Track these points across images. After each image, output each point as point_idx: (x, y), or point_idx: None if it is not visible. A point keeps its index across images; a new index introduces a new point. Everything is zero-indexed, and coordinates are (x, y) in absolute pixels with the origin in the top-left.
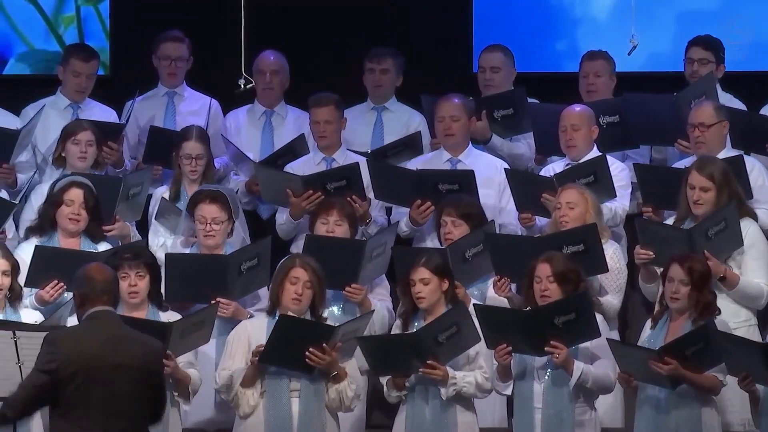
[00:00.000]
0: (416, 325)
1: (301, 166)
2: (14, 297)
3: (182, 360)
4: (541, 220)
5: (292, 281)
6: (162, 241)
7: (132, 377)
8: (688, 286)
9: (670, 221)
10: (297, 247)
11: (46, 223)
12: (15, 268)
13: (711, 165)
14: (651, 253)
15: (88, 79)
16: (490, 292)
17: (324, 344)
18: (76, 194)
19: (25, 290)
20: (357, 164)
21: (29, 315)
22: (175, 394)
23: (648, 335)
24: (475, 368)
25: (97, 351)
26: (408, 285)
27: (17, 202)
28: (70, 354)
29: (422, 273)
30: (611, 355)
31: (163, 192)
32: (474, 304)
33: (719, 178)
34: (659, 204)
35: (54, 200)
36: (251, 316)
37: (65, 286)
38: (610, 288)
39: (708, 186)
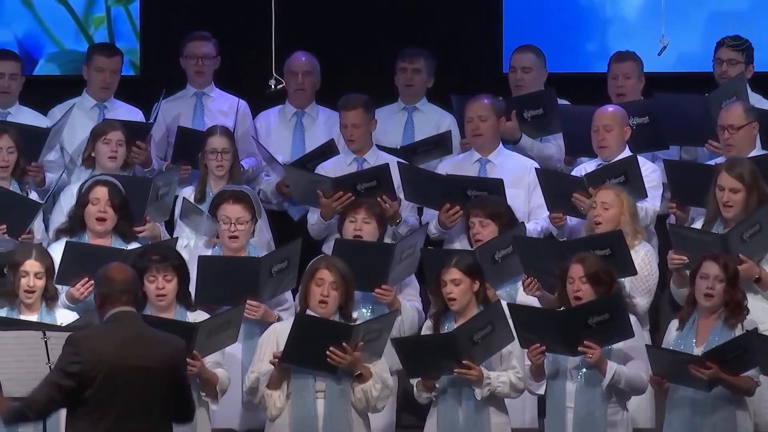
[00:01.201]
0: (447, 327)
1: (332, 167)
2: (50, 298)
3: (210, 360)
4: (571, 220)
5: (318, 283)
6: (185, 242)
7: (154, 378)
8: (723, 282)
9: (699, 222)
10: (328, 248)
11: (75, 225)
12: (50, 269)
13: (740, 166)
14: (685, 258)
15: (112, 76)
16: (520, 294)
17: (344, 343)
18: (101, 192)
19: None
20: (387, 165)
21: (65, 316)
22: (203, 394)
23: (676, 336)
24: (508, 368)
25: (119, 353)
26: (439, 286)
27: (44, 203)
28: (92, 356)
29: (453, 273)
30: (644, 356)
31: (187, 192)
32: (508, 304)
33: (749, 179)
34: (688, 201)
35: (81, 201)
36: (279, 319)
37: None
38: (638, 290)
39: (737, 187)
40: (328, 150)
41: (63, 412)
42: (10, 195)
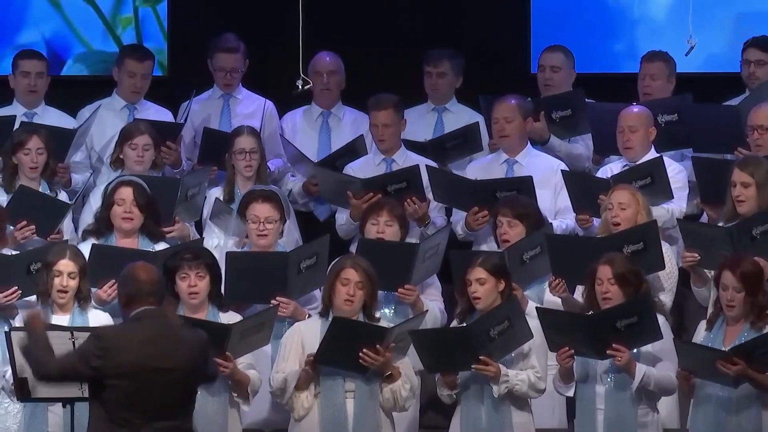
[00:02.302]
0: None
1: (360, 167)
2: (83, 299)
3: (242, 362)
4: (598, 221)
5: (344, 282)
6: (216, 242)
7: (177, 377)
8: (741, 292)
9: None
10: (355, 248)
11: (102, 226)
12: (84, 269)
13: (754, 163)
14: (696, 255)
15: (143, 80)
16: (547, 295)
17: (377, 345)
18: (126, 192)
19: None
20: (417, 166)
21: (97, 317)
22: (235, 395)
23: (704, 336)
24: (527, 367)
25: (143, 351)
26: (465, 286)
27: (73, 203)
28: (114, 353)
29: (479, 273)
30: (673, 357)
31: (217, 193)
32: (537, 308)
33: (761, 175)
34: (715, 199)
35: (107, 202)
36: (310, 317)
37: None
38: (662, 288)
39: (748, 182)
40: (356, 147)
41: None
42: (40, 196)
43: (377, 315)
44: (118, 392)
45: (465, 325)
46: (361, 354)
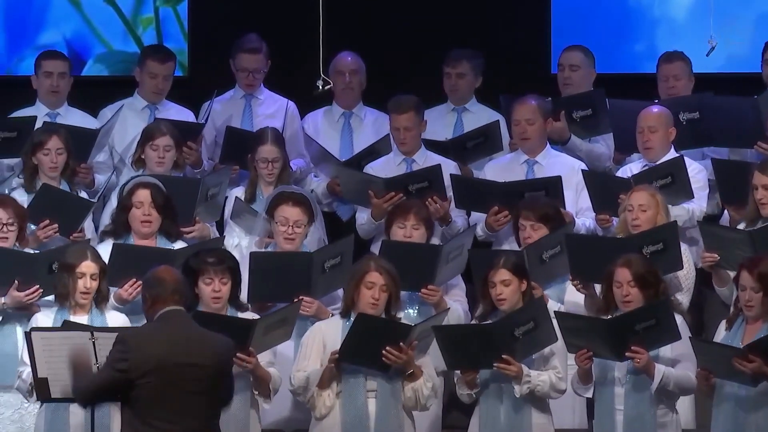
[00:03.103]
0: None
1: (381, 167)
2: (101, 299)
3: (263, 359)
4: (617, 221)
5: (368, 286)
6: (236, 242)
7: (203, 376)
8: (759, 292)
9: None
10: (377, 248)
11: (119, 227)
12: (103, 270)
13: None
14: (716, 256)
15: (165, 81)
16: (568, 293)
17: (401, 343)
18: (144, 195)
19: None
20: (439, 166)
21: (115, 317)
22: (256, 392)
23: (723, 337)
24: (549, 368)
25: (169, 350)
26: (487, 287)
27: (95, 201)
28: (141, 354)
29: (503, 275)
30: (692, 357)
31: (238, 193)
32: (555, 312)
33: None
34: (736, 200)
35: (124, 204)
36: (333, 317)
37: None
38: (680, 288)
39: None
40: (382, 147)
41: (118, 414)
42: (63, 194)
43: (399, 315)
44: (147, 391)
45: (489, 322)
46: (384, 351)
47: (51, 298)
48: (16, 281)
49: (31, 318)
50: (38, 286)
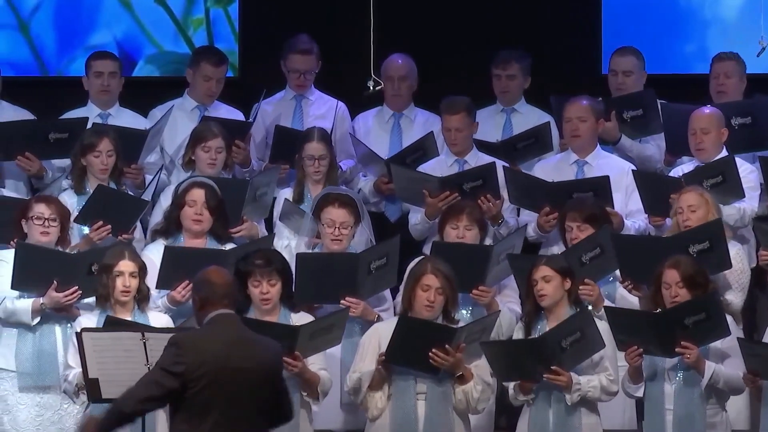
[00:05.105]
0: (539, 329)
1: (433, 168)
2: (142, 299)
3: (313, 362)
4: (670, 221)
5: (424, 288)
6: (286, 243)
7: (254, 380)
8: None
9: None
10: (428, 249)
11: (171, 226)
12: (142, 269)
13: None
14: None
15: (218, 84)
16: (620, 291)
17: (447, 345)
18: (198, 194)
19: (153, 292)
20: (493, 164)
21: (157, 317)
22: (304, 394)
23: None
24: (600, 371)
25: (221, 354)
26: (530, 287)
27: (150, 200)
28: (195, 357)
29: (544, 271)
30: (741, 356)
31: (287, 194)
32: (605, 307)
33: None
34: None
35: (177, 202)
36: (379, 318)
37: None
38: (732, 288)
39: None
40: (427, 144)
41: (162, 416)
42: (119, 194)
43: (457, 317)
44: (201, 398)
45: (536, 337)
46: (430, 354)
47: (90, 300)
48: (55, 282)
49: (69, 319)
50: (77, 287)
